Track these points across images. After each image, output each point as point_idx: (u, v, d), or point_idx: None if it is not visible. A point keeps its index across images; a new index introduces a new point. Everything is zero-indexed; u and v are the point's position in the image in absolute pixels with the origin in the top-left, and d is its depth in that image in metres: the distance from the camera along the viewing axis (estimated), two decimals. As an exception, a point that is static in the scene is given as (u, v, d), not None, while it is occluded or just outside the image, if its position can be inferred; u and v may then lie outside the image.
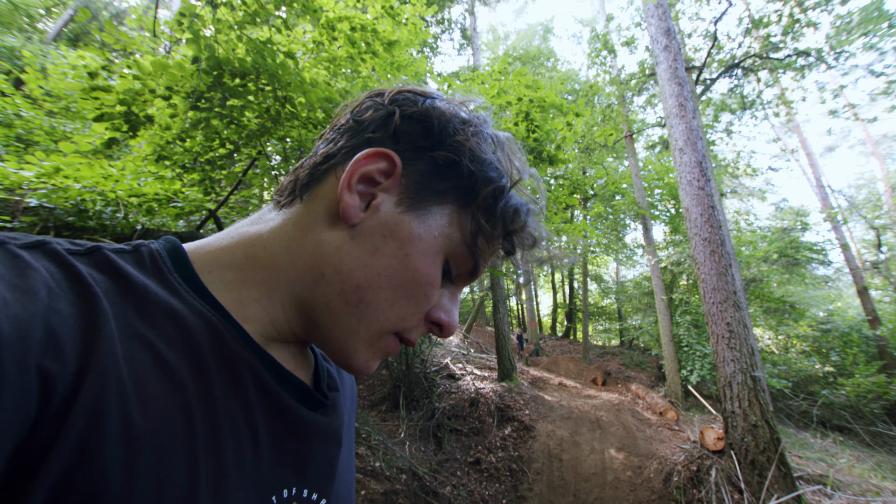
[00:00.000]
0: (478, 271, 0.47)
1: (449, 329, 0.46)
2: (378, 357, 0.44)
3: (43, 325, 0.26)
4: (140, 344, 0.31)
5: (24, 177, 3.04)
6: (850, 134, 27.77)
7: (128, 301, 0.32)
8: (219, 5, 3.80)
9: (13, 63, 6.45)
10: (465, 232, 0.45)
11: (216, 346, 0.36)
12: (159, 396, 0.30)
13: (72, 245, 0.34)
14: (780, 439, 4.66)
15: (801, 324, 12.91)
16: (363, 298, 0.41)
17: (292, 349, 0.47)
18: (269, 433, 0.38)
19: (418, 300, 0.43)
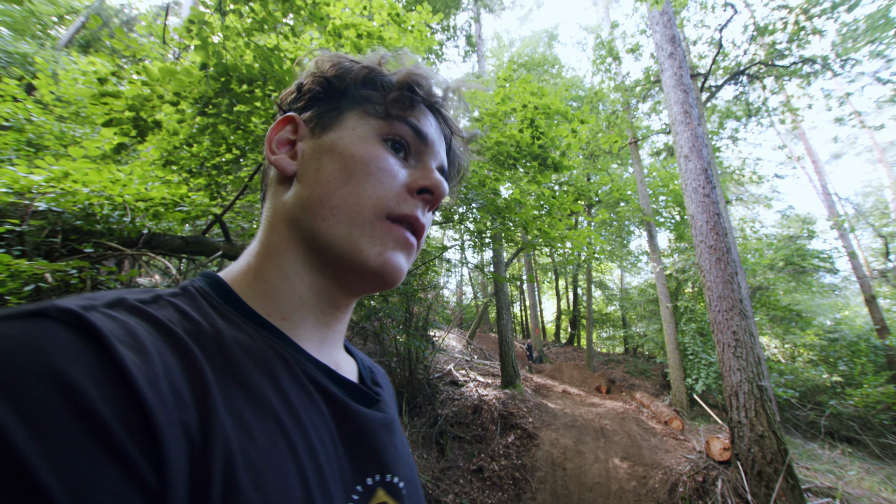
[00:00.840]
0: (420, 133, 0.53)
1: (436, 188, 0.51)
2: (388, 247, 0.47)
3: (167, 381, 0.29)
4: (230, 378, 0.35)
5: (34, 181, 3.07)
6: (857, 141, 27.63)
7: (206, 341, 0.36)
8: (227, 13, 3.85)
9: (26, 69, 6.55)
10: (373, 111, 0.52)
11: (285, 368, 0.41)
12: (259, 423, 0.35)
13: (141, 295, 0.38)
14: (787, 450, 4.60)
15: (808, 332, 12.77)
16: (332, 204, 0.47)
17: (339, 354, 0.54)
18: (342, 433, 0.44)
19: (375, 175, 0.48)
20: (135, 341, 0.29)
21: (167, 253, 3.76)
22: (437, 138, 0.55)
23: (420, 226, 0.50)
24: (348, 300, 0.52)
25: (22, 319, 0.27)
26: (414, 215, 0.49)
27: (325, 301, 0.49)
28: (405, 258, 0.49)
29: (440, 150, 0.56)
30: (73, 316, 0.28)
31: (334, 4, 4.69)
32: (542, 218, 6.27)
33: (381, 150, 0.50)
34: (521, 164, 5.88)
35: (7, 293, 2.46)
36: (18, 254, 2.82)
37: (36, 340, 0.25)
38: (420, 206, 0.50)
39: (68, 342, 0.26)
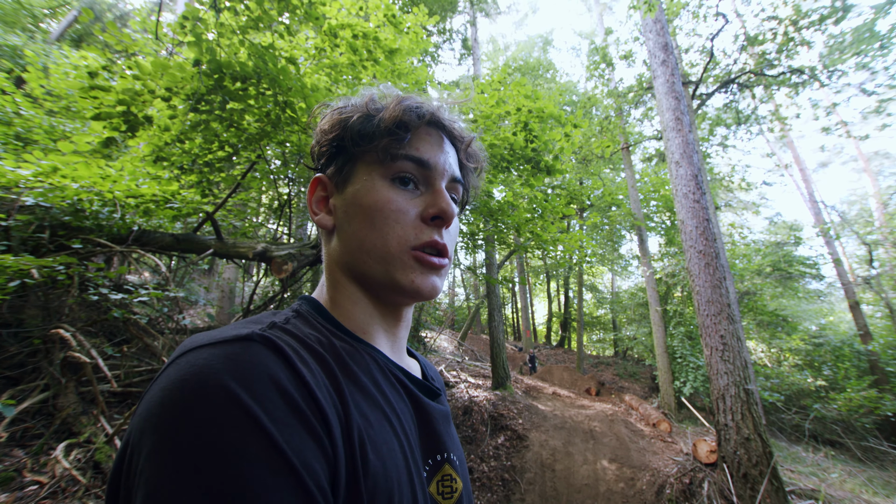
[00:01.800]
0: (421, 161, 0.59)
1: (444, 212, 0.57)
2: (417, 271, 0.56)
3: (322, 383, 0.42)
4: (349, 378, 0.47)
5: (22, 175, 3.03)
6: (843, 150, 28.15)
7: (330, 351, 0.48)
8: (222, 10, 3.83)
9: (15, 62, 6.45)
10: (375, 158, 0.59)
11: (379, 369, 0.53)
12: (371, 411, 0.47)
13: (281, 317, 0.50)
14: (772, 453, 4.67)
15: (793, 337, 12.98)
16: (366, 249, 0.56)
17: (406, 357, 0.67)
18: (418, 420, 0.56)
19: (392, 217, 0.56)
20: (299, 355, 0.42)
21: (157, 250, 3.73)
22: (442, 152, 0.61)
23: (441, 246, 0.58)
24: (403, 312, 0.63)
25: (239, 342, 0.39)
26: (432, 241, 0.57)
27: (387, 315, 0.61)
28: (436, 277, 0.58)
29: (448, 163, 0.61)
30: (267, 340, 0.40)
31: (330, 4, 4.68)
32: (535, 221, 6.31)
33: (391, 194, 0.57)
34: (515, 167, 5.92)
35: (-8, 288, 2.42)
36: (4, 249, 2.78)
37: (255, 357, 0.38)
38: (436, 230, 0.58)
39: (271, 358, 0.39)
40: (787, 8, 11.07)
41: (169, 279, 3.27)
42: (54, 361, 2.69)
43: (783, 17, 11.09)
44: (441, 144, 0.62)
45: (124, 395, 3.10)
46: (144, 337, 3.06)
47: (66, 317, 2.97)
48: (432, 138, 0.61)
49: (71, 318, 2.98)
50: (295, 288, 6.19)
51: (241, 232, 5.77)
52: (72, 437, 2.44)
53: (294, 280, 4.66)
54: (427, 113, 0.61)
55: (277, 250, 3.68)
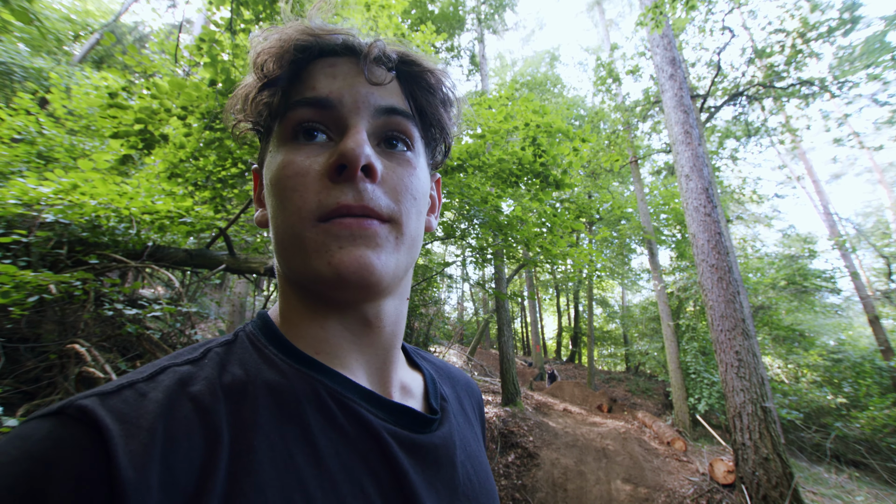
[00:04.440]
0: (319, 101, 0.44)
1: (345, 154, 0.41)
2: (334, 249, 0.40)
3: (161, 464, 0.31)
4: (255, 432, 0.36)
5: (43, 193, 3.11)
6: (857, 162, 27.83)
7: (237, 396, 0.38)
8: (238, 31, 3.95)
9: (40, 83, 6.70)
10: (267, 121, 0.48)
11: (317, 407, 0.40)
12: (275, 479, 0.34)
13: (190, 355, 0.41)
14: (792, 474, 4.52)
15: (811, 353, 12.65)
16: (278, 240, 0.44)
17: (399, 371, 0.52)
18: (389, 468, 0.41)
19: (289, 185, 0.42)
20: (136, 429, 0.31)
21: (171, 265, 3.78)
22: (355, 80, 0.45)
23: (358, 208, 0.41)
24: (369, 312, 0.46)
25: (48, 419, 0.31)
26: (341, 204, 0.41)
27: (349, 323, 0.46)
28: (367, 250, 0.41)
29: (367, 93, 0.45)
30: (81, 418, 0.30)
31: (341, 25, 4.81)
32: (544, 235, 6.29)
33: (286, 155, 0.43)
34: (523, 182, 5.94)
35: (11, 304, 2.47)
36: (24, 265, 2.84)
37: (30, 450, 0.28)
38: (348, 188, 0.41)
39: (65, 443, 0.29)
40: (795, 21, 11.10)
41: (182, 294, 3.32)
42: (69, 376, 2.72)
43: (790, 29, 11.11)
44: (354, 72, 0.45)
45: (136, 410, 3.10)
46: (157, 352, 3.09)
47: (82, 332, 3.01)
48: (337, 68, 0.45)
49: (86, 332, 3.02)
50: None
51: (252, 247, 5.84)
52: (84, 453, 2.45)
53: (304, 295, 4.68)
54: (304, 38, 0.44)
55: (288, 265, 3.71)
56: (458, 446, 0.50)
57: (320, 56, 0.46)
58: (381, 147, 0.46)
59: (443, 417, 0.51)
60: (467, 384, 0.66)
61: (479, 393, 0.68)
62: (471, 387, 0.66)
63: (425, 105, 0.49)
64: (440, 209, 0.60)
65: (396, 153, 0.46)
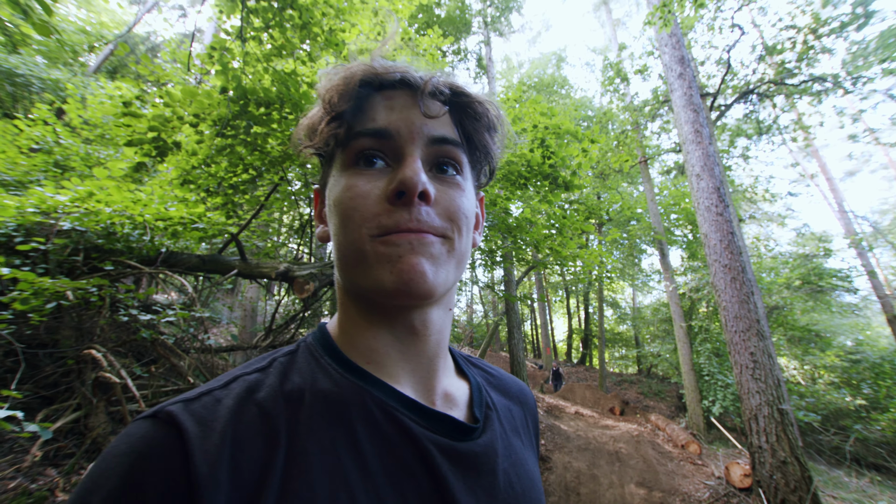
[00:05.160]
0: (378, 132, 0.48)
1: (404, 182, 0.45)
2: (395, 259, 0.44)
3: (229, 462, 0.37)
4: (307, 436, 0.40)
5: (60, 201, 3.18)
6: (872, 158, 27.30)
7: (294, 404, 0.43)
8: (248, 39, 4.00)
9: (57, 94, 6.86)
10: (333, 149, 0.52)
11: (363, 416, 0.44)
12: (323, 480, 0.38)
13: (258, 364, 0.47)
14: (811, 477, 4.43)
15: (828, 353, 12.38)
16: (342, 255, 0.48)
17: (444, 380, 0.54)
18: (430, 474, 0.44)
19: (352, 206, 0.46)
20: (211, 432, 0.37)
21: (184, 271, 3.83)
22: (410, 112, 0.49)
23: (416, 229, 0.45)
24: (416, 320, 0.50)
25: (145, 421, 0.38)
26: (400, 226, 0.45)
27: (398, 332, 0.50)
28: (423, 258, 0.45)
29: (422, 123, 0.49)
30: (168, 421, 0.37)
31: (349, 31, 4.84)
32: (554, 237, 6.27)
33: (349, 179, 0.48)
34: (532, 184, 5.92)
35: (30, 310, 2.52)
36: (42, 271, 2.90)
37: (131, 447, 0.36)
38: (405, 211, 0.45)
39: (147, 450, 0.35)
40: (806, 16, 10.94)
41: (195, 299, 3.36)
42: (86, 381, 2.76)
43: (802, 25, 10.95)
44: (410, 104, 0.49)
45: (151, 414, 3.14)
46: (171, 357, 3.13)
47: (98, 337, 3.06)
48: (395, 101, 0.50)
49: (102, 338, 3.07)
50: (316, 307, 6.26)
51: (263, 252, 5.90)
52: (101, 457, 2.48)
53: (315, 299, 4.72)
54: (367, 75, 0.49)
55: (299, 270, 3.74)
56: (500, 454, 0.51)
57: (380, 89, 0.51)
58: (433, 171, 0.50)
59: (485, 426, 0.53)
60: (521, 393, 0.67)
61: (533, 403, 0.69)
62: (524, 396, 0.68)
63: (472, 132, 0.53)
64: (484, 225, 0.66)
65: (447, 177, 0.50)
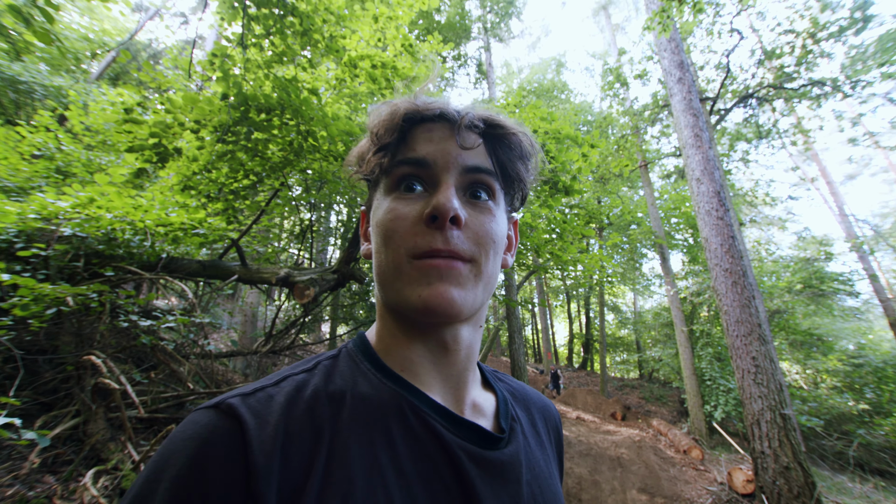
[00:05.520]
0: (416, 161, 0.53)
1: (437, 208, 0.49)
2: (423, 284, 0.48)
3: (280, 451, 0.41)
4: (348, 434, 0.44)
5: (61, 207, 3.19)
6: (872, 162, 27.28)
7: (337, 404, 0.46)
8: (249, 46, 4.03)
9: (59, 101, 6.90)
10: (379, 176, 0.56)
11: (400, 419, 0.47)
12: (363, 474, 0.41)
13: (304, 366, 0.52)
14: (815, 483, 4.40)
15: (830, 358, 12.33)
16: (380, 272, 0.52)
17: (472, 391, 0.58)
18: (457, 479, 0.46)
19: (392, 228, 0.51)
20: (266, 424, 0.41)
21: (184, 276, 3.84)
22: (447, 143, 0.53)
23: (445, 251, 0.48)
24: (445, 338, 0.53)
25: (207, 411, 0.42)
26: (433, 248, 0.48)
27: (430, 345, 0.53)
28: (450, 286, 0.48)
29: (457, 154, 0.53)
30: (228, 413, 0.41)
31: (350, 37, 4.87)
32: (554, 241, 6.27)
33: (392, 203, 0.52)
34: (532, 188, 5.92)
35: (30, 316, 2.52)
36: (43, 277, 2.90)
37: (194, 435, 0.39)
38: (438, 234, 0.49)
39: (210, 438, 0.39)
40: (805, 21, 10.98)
41: (195, 305, 3.36)
42: (85, 387, 2.76)
43: (800, 30, 11.00)
44: (447, 136, 0.54)
45: (151, 420, 3.14)
46: (171, 363, 3.12)
47: (98, 343, 3.06)
48: (433, 133, 0.54)
49: (102, 344, 3.07)
50: (316, 312, 6.25)
51: (264, 258, 5.90)
52: (100, 464, 2.47)
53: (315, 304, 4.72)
54: (409, 110, 0.54)
55: (300, 275, 3.74)
56: (524, 465, 0.54)
57: (421, 122, 0.55)
58: (467, 197, 0.54)
59: (510, 437, 0.55)
60: (544, 408, 0.70)
61: (556, 416, 0.71)
62: (548, 410, 0.70)
63: (506, 161, 0.57)
64: (517, 246, 0.70)
65: (480, 203, 0.54)
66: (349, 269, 4.21)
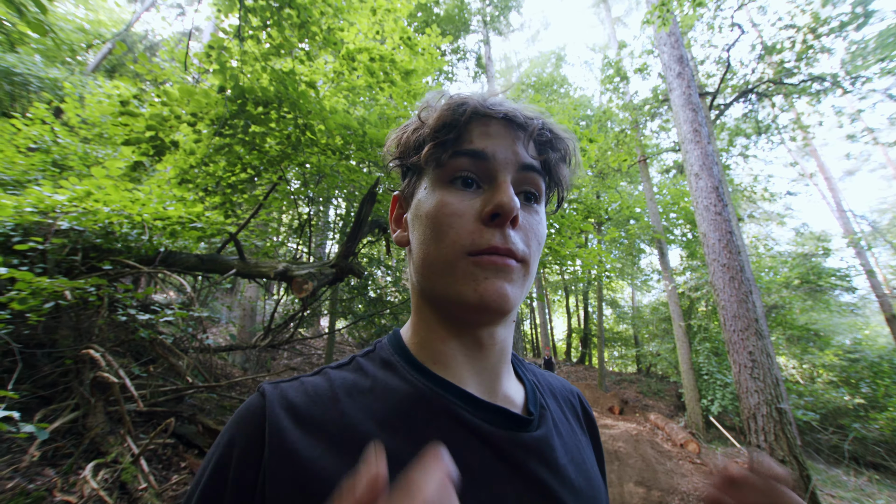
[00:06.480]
0: (476, 153, 0.52)
1: (502, 207, 0.49)
2: (480, 280, 0.48)
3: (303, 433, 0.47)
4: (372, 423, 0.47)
5: (58, 200, 3.17)
6: (870, 158, 27.29)
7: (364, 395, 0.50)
8: (246, 38, 3.99)
9: (55, 93, 6.84)
10: (433, 160, 0.54)
11: (424, 406, 0.49)
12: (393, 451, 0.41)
13: (341, 361, 0.57)
14: (810, 476, 4.44)
15: (826, 352, 12.40)
16: (429, 263, 0.52)
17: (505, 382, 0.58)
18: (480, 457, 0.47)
19: (447, 223, 0.50)
20: (285, 401, 0.48)
21: (182, 270, 3.83)
22: (505, 140, 0.53)
23: (504, 250, 0.49)
24: (483, 335, 0.54)
25: (256, 393, 0.50)
26: (492, 245, 0.48)
27: (467, 340, 0.53)
28: (505, 283, 0.49)
29: (514, 151, 0.53)
30: (264, 397, 0.49)
31: (348, 30, 4.83)
32: (552, 236, 6.27)
33: (447, 197, 0.52)
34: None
35: (28, 310, 2.52)
36: (40, 271, 2.89)
37: (241, 414, 0.49)
38: (497, 232, 0.49)
39: (249, 416, 0.48)
40: (806, 16, 10.93)
41: (193, 299, 3.35)
42: (84, 381, 2.76)
43: (801, 25, 10.95)
44: (504, 133, 0.54)
45: (150, 414, 3.14)
46: (170, 357, 3.12)
47: (96, 337, 3.05)
48: (490, 128, 0.54)
49: (100, 338, 3.07)
50: (315, 306, 6.26)
51: (262, 252, 5.88)
52: (99, 457, 2.48)
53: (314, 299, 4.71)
54: (474, 104, 0.54)
55: (298, 270, 3.74)
56: (558, 449, 0.54)
57: (480, 117, 0.54)
58: (520, 198, 0.54)
59: (540, 422, 0.55)
60: (569, 394, 0.70)
61: (582, 399, 0.71)
62: (573, 395, 0.70)
63: (553, 165, 0.57)
64: None
65: (530, 205, 0.55)
66: (348, 263, 4.21)
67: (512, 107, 0.55)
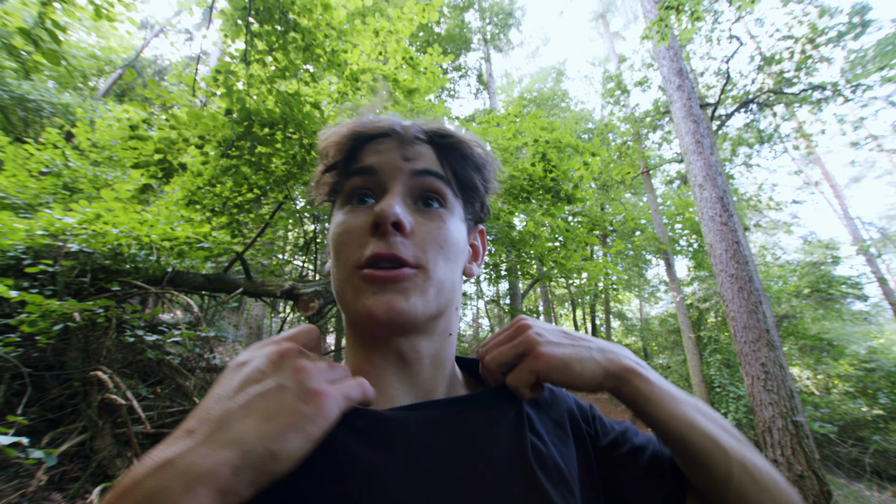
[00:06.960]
0: (363, 170, 0.54)
1: (378, 214, 0.49)
2: (368, 291, 0.48)
3: None
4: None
5: (68, 223, 3.22)
6: (876, 164, 27.15)
7: None
8: (252, 62, 4.09)
9: (66, 118, 7.02)
10: (335, 190, 0.59)
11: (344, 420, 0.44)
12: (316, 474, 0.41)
13: None
14: (830, 492, 4.31)
15: (841, 362, 12.14)
16: (335, 282, 0.53)
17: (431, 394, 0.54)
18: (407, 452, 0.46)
19: (342, 241, 0.52)
20: None
21: (190, 290, 3.85)
22: (395, 153, 0.54)
23: (387, 256, 0.48)
24: (404, 349, 0.52)
25: None
26: (374, 253, 0.48)
27: (389, 357, 0.52)
28: (395, 295, 0.47)
29: (402, 161, 0.54)
30: None
31: (352, 51, 4.93)
32: (558, 249, 6.26)
33: (345, 216, 0.53)
34: (535, 197, 5.94)
35: (38, 333, 2.54)
36: (50, 293, 2.93)
37: None
38: (380, 240, 0.49)
39: None
40: (803, 27, 11.04)
41: (201, 319, 3.37)
42: (92, 403, 2.76)
43: (799, 35, 11.05)
44: (393, 146, 0.55)
45: (157, 436, 3.13)
46: (177, 377, 3.12)
47: (104, 359, 3.06)
48: (381, 145, 0.55)
49: (108, 359, 3.08)
50: (321, 324, 6.24)
51: (268, 270, 5.92)
52: (107, 481, 2.46)
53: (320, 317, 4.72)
54: (357, 127, 0.56)
55: (304, 287, 3.75)
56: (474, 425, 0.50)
57: (371, 140, 0.56)
58: (419, 205, 0.55)
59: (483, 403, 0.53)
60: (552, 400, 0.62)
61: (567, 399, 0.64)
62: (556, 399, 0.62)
63: (458, 169, 0.58)
64: (484, 256, 0.70)
65: (431, 210, 0.55)
66: (353, 280, 4.21)
67: (396, 121, 0.57)
